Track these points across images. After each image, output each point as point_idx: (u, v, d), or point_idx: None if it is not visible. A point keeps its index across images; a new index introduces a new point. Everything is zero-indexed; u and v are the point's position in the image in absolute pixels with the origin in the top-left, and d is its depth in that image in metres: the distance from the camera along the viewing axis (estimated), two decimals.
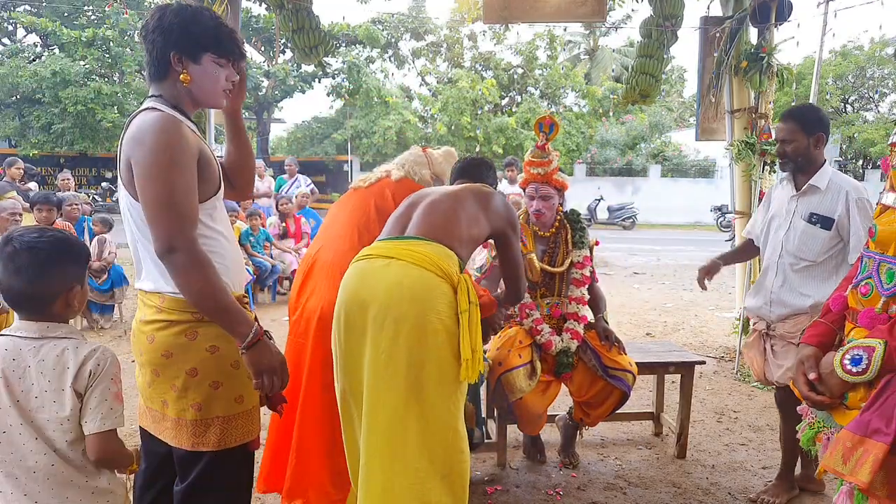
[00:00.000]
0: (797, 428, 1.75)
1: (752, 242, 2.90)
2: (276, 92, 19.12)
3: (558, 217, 2.83)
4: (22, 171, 6.70)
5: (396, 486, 1.70)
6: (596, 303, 2.91)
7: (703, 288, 2.95)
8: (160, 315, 1.55)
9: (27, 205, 6.04)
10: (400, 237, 1.89)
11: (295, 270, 6.84)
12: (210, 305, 1.47)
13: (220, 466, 1.62)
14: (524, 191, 2.83)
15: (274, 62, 18.79)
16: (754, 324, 2.76)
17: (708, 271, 2.92)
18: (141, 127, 1.47)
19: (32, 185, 7.23)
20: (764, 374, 2.67)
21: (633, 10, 19.61)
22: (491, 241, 2.16)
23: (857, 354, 1.47)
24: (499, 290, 2.39)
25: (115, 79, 17.52)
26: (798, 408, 1.75)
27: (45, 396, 1.35)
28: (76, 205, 5.57)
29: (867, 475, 1.35)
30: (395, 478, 1.71)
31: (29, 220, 6.02)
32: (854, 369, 1.46)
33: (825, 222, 2.47)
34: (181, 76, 1.55)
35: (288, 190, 8.22)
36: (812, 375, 1.57)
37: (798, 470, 2.74)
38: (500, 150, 18.33)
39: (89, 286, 5.49)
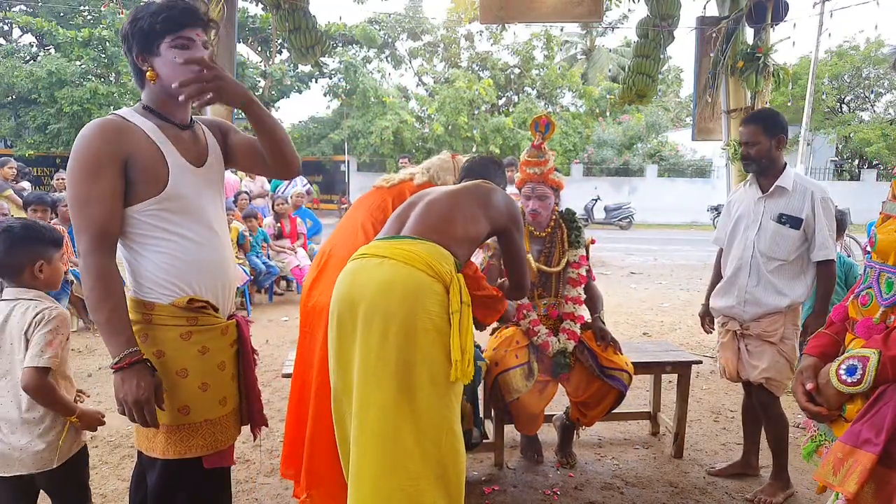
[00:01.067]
0: (807, 444, 1.71)
1: (722, 251, 2.91)
2: (273, 92, 19.05)
3: (554, 217, 2.82)
4: (15, 171, 6.67)
5: (386, 486, 1.70)
6: (593, 302, 2.91)
7: (711, 331, 3.04)
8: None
9: (21, 203, 6.04)
10: (395, 237, 1.89)
11: (295, 268, 6.87)
12: (94, 316, 1.48)
13: (176, 476, 1.60)
14: (520, 191, 2.82)
15: (270, 62, 18.76)
16: (724, 324, 2.80)
17: (708, 318, 3.00)
18: None
19: (25, 184, 7.20)
20: (737, 372, 2.73)
21: (629, 11, 19.66)
22: (489, 241, 2.15)
23: (852, 364, 1.45)
24: (500, 280, 2.36)
25: (112, 79, 17.46)
26: (801, 421, 1.75)
27: (15, 344, 1.75)
28: None
29: (854, 485, 1.35)
30: (385, 478, 1.70)
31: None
32: (849, 379, 1.45)
33: (794, 222, 2.57)
34: (148, 75, 1.54)
35: (284, 190, 8.22)
36: (809, 386, 1.55)
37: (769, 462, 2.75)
38: (497, 151, 18.31)
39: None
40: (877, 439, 1.35)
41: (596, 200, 17.55)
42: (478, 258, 2.66)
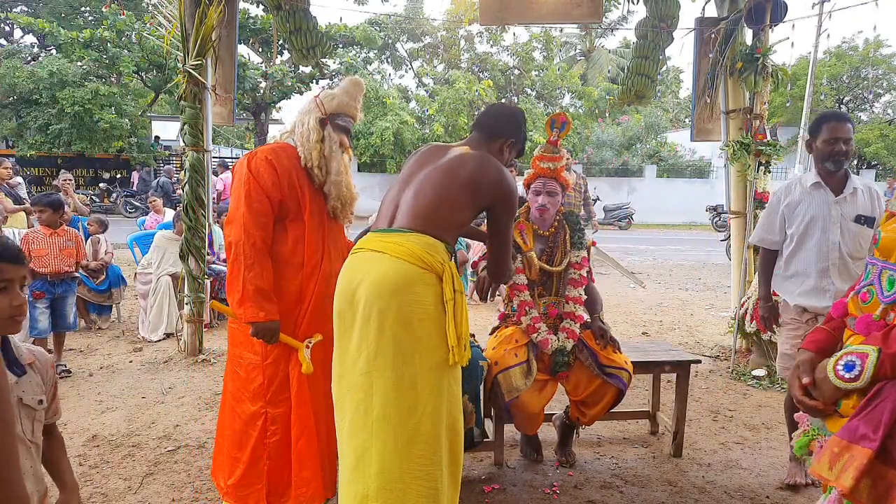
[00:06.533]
0: (800, 438, 1.73)
1: (771, 252, 2.94)
2: (274, 93, 19.09)
3: (558, 217, 2.85)
4: (10, 171, 6.66)
5: (390, 468, 1.74)
6: (592, 303, 2.92)
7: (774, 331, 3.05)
8: None
9: (13, 207, 6.04)
10: (388, 230, 1.93)
11: None
12: None
13: None
14: (528, 187, 2.85)
15: (271, 63, 18.77)
16: (807, 320, 2.81)
17: (773, 316, 3.01)
18: None
19: (18, 179, 7.15)
20: None
21: (629, 12, 19.70)
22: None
23: (851, 361, 1.45)
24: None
25: (113, 79, 17.48)
26: (795, 415, 1.76)
27: None
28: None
29: (850, 480, 1.36)
30: (392, 461, 1.75)
31: (17, 219, 6.03)
32: (847, 375, 1.44)
33: (870, 221, 2.69)
34: None
35: None
36: (805, 380, 1.55)
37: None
38: None
39: (86, 286, 5.40)
40: (874, 435, 1.35)
41: (595, 201, 17.54)
42: (477, 254, 2.67)
